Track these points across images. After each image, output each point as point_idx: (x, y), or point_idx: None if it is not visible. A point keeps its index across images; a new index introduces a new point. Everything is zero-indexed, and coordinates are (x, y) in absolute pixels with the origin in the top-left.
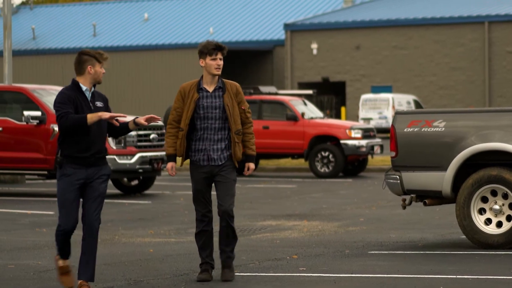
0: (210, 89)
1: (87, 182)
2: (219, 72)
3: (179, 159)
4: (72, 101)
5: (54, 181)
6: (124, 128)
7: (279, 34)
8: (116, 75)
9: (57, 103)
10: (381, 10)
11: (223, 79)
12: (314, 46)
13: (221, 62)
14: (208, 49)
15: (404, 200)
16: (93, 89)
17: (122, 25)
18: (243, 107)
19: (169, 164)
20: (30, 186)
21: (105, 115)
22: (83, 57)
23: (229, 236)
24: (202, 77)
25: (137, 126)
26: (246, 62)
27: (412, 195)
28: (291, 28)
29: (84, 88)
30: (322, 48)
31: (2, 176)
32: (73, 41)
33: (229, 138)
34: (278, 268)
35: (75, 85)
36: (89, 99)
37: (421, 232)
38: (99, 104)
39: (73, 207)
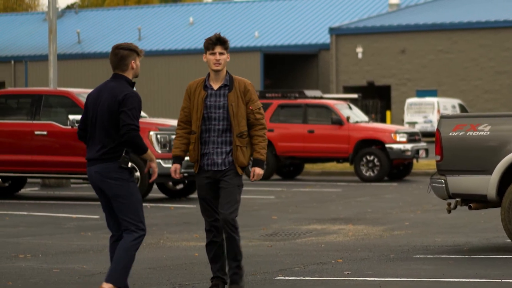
0: (215, 86)
1: None
2: (219, 68)
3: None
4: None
5: None
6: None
7: (324, 38)
8: (161, 79)
9: (136, 109)
10: (426, 14)
11: (233, 76)
12: (359, 50)
13: (222, 57)
14: (207, 43)
15: (449, 204)
16: None
17: (167, 29)
18: (251, 107)
19: (173, 166)
20: (75, 190)
21: (154, 166)
22: (124, 52)
23: (232, 248)
24: (208, 73)
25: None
26: (291, 66)
27: (457, 199)
28: (336, 32)
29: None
30: (367, 52)
31: (47, 180)
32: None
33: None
34: (323, 272)
35: (131, 85)
36: None
37: (466, 236)
38: None
39: None
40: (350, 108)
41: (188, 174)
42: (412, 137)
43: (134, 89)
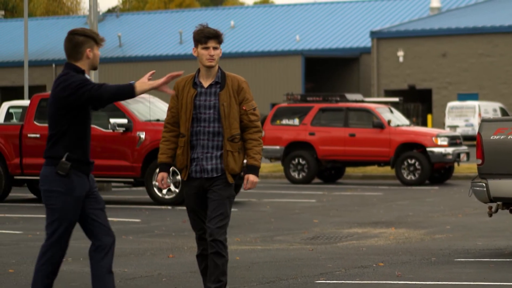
0: (206, 84)
1: (88, 194)
2: (212, 64)
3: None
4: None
5: (141, 188)
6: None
7: (366, 41)
8: None
9: (81, 79)
10: (467, 17)
11: (226, 72)
12: (401, 53)
13: (216, 52)
14: (200, 36)
15: (490, 207)
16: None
17: None
18: (244, 108)
19: (160, 175)
20: (116, 193)
21: (158, 82)
22: (79, 38)
23: (217, 267)
24: (198, 69)
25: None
26: (333, 69)
27: (498, 203)
28: (378, 36)
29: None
30: (409, 55)
31: None
32: (159, 48)
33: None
34: (364, 276)
35: (82, 74)
36: None
37: (507, 240)
38: None
39: (71, 232)
40: (391, 111)
41: None
42: (453, 141)
43: (88, 77)
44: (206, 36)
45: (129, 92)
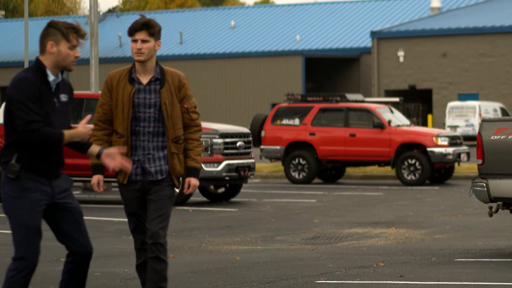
0: (144, 80)
1: (55, 201)
2: (141, 58)
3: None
4: (38, 96)
5: None
6: (82, 148)
7: (366, 41)
8: (203, 82)
9: (24, 98)
10: (468, 17)
11: (164, 68)
12: (401, 53)
13: (145, 45)
14: (128, 28)
15: (490, 207)
16: (59, 77)
17: (208, 33)
18: (186, 106)
19: (95, 178)
20: (116, 193)
21: (84, 132)
22: (47, 30)
23: (156, 273)
24: (133, 64)
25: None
26: (333, 69)
27: (498, 203)
28: (378, 36)
29: (51, 77)
30: (409, 55)
31: (89, 184)
32: (160, 48)
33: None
34: (364, 276)
35: (40, 69)
36: (53, 90)
37: (508, 240)
38: (63, 98)
39: (39, 237)
40: (392, 111)
41: (230, 178)
42: (453, 141)
43: (62, 77)
44: (132, 28)
45: (59, 142)
